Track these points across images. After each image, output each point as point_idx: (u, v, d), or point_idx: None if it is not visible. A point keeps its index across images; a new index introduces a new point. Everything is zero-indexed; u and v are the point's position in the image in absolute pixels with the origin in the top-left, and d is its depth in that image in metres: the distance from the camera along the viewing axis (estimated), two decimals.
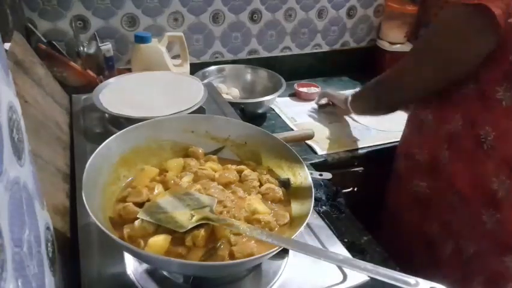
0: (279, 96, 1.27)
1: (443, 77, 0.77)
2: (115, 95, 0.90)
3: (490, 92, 0.72)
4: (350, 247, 0.63)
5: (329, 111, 1.34)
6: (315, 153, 1.15)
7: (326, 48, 1.67)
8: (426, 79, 0.80)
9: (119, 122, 0.85)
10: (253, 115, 1.23)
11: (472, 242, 0.78)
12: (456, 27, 0.73)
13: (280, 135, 0.72)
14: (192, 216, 0.54)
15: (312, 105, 1.40)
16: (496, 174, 0.74)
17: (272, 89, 1.29)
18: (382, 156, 1.16)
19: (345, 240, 0.70)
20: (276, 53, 1.59)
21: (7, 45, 0.81)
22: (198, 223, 0.53)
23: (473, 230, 0.77)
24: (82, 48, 1.17)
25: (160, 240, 0.52)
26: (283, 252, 0.60)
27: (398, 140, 1.04)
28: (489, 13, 0.65)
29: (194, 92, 0.94)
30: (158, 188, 0.61)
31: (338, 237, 0.65)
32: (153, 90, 0.95)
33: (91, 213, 0.48)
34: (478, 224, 0.76)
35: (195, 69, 1.34)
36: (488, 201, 0.75)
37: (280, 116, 1.33)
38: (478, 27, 0.70)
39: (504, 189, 0.73)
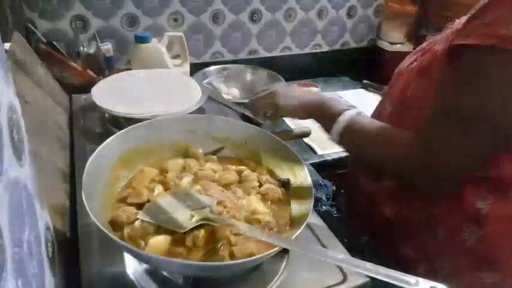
0: None
1: None
2: (114, 94, 0.90)
3: None
4: (350, 247, 0.63)
5: None
6: (315, 153, 1.15)
7: (326, 48, 1.67)
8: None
9: (119, 122, 0.85)
10: None
11: (449, 261, 0.73)
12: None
13: (276, 134, 0.72)
14: (192, 216, 0.54)
15: None
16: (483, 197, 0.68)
17: None
18: None
19: (345, 240, 0.70)
20: (276, 53, 1.59)
21: (7, 45, 0.81)
22: (198, 223, 0.53)
23: (451, 249, 0.72)
24: (82, 48, 1.17)
25: (160, 241, 0.52)
26: (283, 252, 0.60)
27: None
28: None
29: (194, 91, 0.94)
30: (159, 189, 0.61)
31: (337, 237, 0.65)
32: (153, 89, 0.95)
33: (90, 214, 0.48)
34: (456, 242, 0.71)
35: (195, 69, 1.34)
36: (470, 218, 0.70)
37: None
38: None
39: (488, 205, 0.68)
